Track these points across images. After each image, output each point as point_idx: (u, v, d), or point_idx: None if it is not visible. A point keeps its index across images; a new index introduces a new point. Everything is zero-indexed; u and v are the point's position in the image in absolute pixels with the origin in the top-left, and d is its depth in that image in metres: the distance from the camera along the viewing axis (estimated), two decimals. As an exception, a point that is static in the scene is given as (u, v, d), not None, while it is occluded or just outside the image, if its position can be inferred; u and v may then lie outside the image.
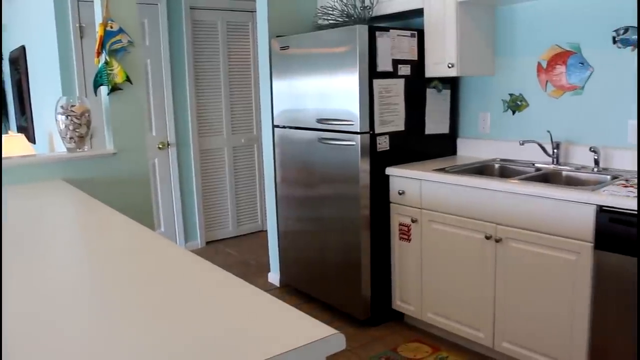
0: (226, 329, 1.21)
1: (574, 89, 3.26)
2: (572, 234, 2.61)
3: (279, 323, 1.24)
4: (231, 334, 1.18)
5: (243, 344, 1.13)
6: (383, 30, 3.35)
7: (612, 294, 2.51)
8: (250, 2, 5.51)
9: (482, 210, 2.97)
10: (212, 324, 1.23)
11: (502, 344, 3.00)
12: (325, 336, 1.15)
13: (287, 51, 3.85)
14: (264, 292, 1.42)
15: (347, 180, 3.47)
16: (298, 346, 1.12)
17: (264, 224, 5.94)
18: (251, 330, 1.20)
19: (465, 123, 3.85)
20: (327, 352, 1.17)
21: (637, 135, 2.41)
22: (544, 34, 3.35)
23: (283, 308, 1.31)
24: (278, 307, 1.32)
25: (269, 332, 1.19)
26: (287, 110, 3.93)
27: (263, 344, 1.13)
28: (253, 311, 1.30)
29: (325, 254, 3.76)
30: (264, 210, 5.91)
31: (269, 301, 1.36)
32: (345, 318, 3.78)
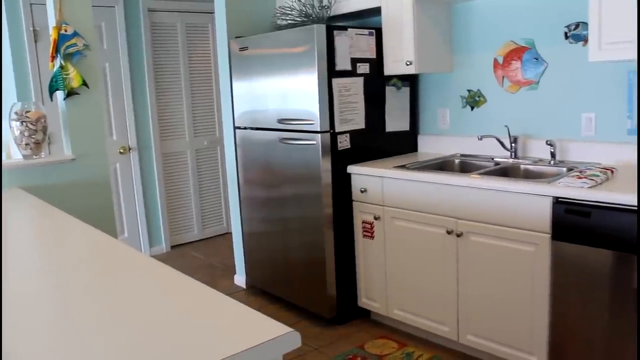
0: (183, 331, 1.20)
1: (529, 84, 3.32)
2: (530, 226, 2.66)
3: (235, 324, 1.24)
4: (188, 337, 1.17)
5: (199, 346, 1.13)
6: (341, 30, 3.36)
7: (570, 283, 2.56)
8: (210, 4, 5.48)
9: (443, 206, 3.00)
10: (168, 327, 1.23)
11: (466, 337, 3.04)
12: (280, 335, 1.16)
13: (246, 52, 3.84)
14: (222, 294, 1.42)
15: (309, 180, 3.47)
16: (253, 345, 1.12)
17: (229, 226, 5.91)
18: (208, 331, 1.20)
19: (426, 120, 3.89)
20: (283, 350, 1.17)
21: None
22: (499, 30, 3.40)
23: (240, 309, 1.31)
24: (235, 308, 1.32)
25: (225, 333, 1.19)
26: (248, 112, 3.91)
27: (219, 344, 1.13)
28: (210, 313, 1.30)
29: (289, 254, 3.76)
30: (229, 212, 5.88)
31: (226, 303, 1.36)
32: (311, 317, 3.78)
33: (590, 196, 2.44)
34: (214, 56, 5.60)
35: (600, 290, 2.46)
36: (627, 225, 2.34)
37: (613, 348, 2.46)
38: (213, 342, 1.15)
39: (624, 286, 2.39)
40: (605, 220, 2.40)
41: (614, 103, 2.99)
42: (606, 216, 2.40)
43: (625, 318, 2.40)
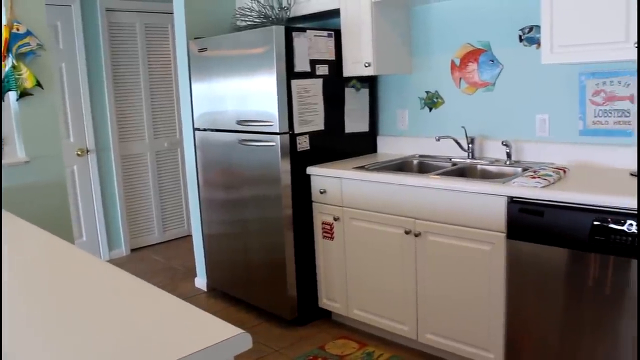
0: (135, 335, 1.19)
1: (485, 86, 3.38)
2: (486, 225, 2.70)
3: (186, 326, 1.23)
4: (140, 340, 1.17)
5: (151, 349, 1.13)
6: (300, 31, 3.36)
7: (525, 281, 2.61)
8: (169, 4, 5.42)
9: (401, 206, 3.03)
10: (120, 331, 1.22)
11: (425, 336, 3.07)
12: (230, 336, 1.15)
13: (205, 53, 3.81)
14: (174, 296, 1.41)
15: (268, 181, 3.47)
16: (203, 347, 1.12)
17: (190, 229, 5.85)
18: (159, 335, 1.19)
19: (385, 121, 3.92)
20: (234, 352, 1.17)
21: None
22: (456, 33, 3.45)
23: (192, 311, 1.31)
24: (187, 311, 1.31)
25: (177, 335, 1.19)
26: (207, 113, 3.89)
27: (169, 347, 1.13)
28: (162, 316, 1.29)
29: (250, 256, 3.75)
30: (190, 214, 5.81)
31: (178, 305, 1.35)
32: (272, 319, 3.77)
33: (543, 195, 2.49)
34: (174, 57, 5.55)
35: (555, 287, 2.51)
36: (579, 223, 2.39)
37: (567, 344, 2.52)
38: (163, 344, 1.14)
39: (577, 283, 2.45)
40: (558, 219, 2.46)
41: (566, 104, 3.06)
42: (558, 215, 2.45)
43: (579, 315, 2.46)
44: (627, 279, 2.30)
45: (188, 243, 5.60)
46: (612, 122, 2.94)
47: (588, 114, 3.00)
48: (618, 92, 2.89)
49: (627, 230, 2.27)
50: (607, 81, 2.92)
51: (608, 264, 2.34)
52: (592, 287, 2.40)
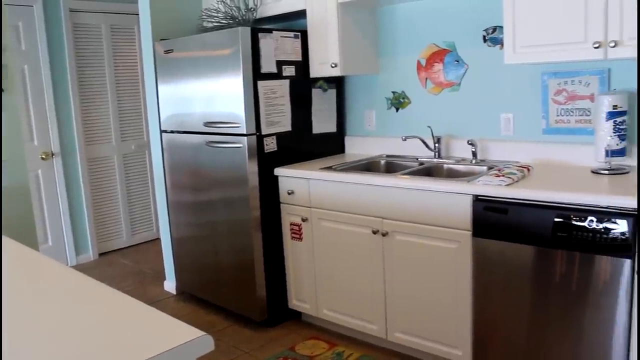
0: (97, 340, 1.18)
1: (451, 86, 3.41)
2: (452, 224, 2.73)
3: (148, 330, 1.22)
4: (99, 344, 1.16)
5: (111, 354, 1.12)
6: (266, 32, 3.36)
7: (491, 278, 2.64)
8: (135, 5, 5.36)
9: (369, 206, 3.04)
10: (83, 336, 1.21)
11: (394, 334, 3.09)
12: (192, 339, 1.15)
13: (171, 55, 3.78)
14: (137, 300, 1.39)
15: (236, 183, 3.45)
16: (164, 350, 1.11)
17: (159, 232, 5.79)
18: (120, 339, 1.18)
19: (352, 121, 3.93)
20: (196, 354, 1.16)
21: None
22: (422, 33, 3.48)
23: (154, 315, 1.30)
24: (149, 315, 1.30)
25: (138, 339, 1.18)
26: (174, 115, 3.86)
27: (130, 351, 1.12)
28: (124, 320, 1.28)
29: (219, 258, 3.73)
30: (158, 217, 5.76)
31: (140, 309, 1.34)
32: (242, 321, 3.76)
33: (507, 193, 2.52)
34: (140, 59, 5.49)
35: (520, 284, 2.55)
36: (542, 220, 2.43)
37: (534, 339, 2.56)
38: (124, 349, 1.13)
39: (541, 280, 2.49)
40: (521, 216, 2.49)
41: (530, 104, 3.11)
42: (522, 212, 2.49)
43: (544, 310, 2.50)
44: (591, 274, 2.35)
45: (157, 246, 5.55)
46: (573, 120, 2.99)
47: (551, 113, 3.06)
48: (579, 91, 2.95)
49: (588, 227, 2.32)
50: (568, 81, 2.98)
51: (571, 260, 2.39)
52: (557, 282, 2.44)
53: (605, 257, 2.30)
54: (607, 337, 2.34)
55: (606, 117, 2.69)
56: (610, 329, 2.33)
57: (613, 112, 2.67)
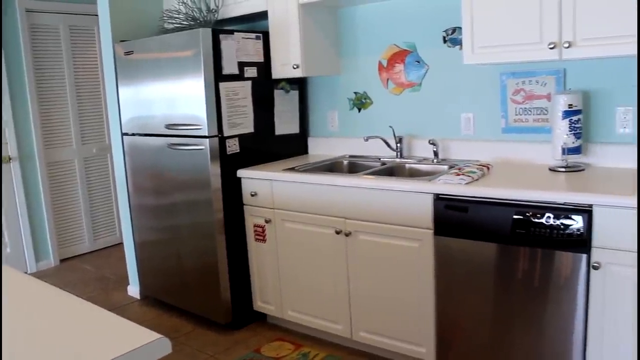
0: (49, 346, 1.16)
1: (412, 86, 3.44)
2: (414, 223, 2.76)
3: (104, 334, 1.21)
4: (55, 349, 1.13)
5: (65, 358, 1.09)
6: (227, 33, 3.34)
7: (453, 276, 2.68)
8: (95, 5, 5.27)
9: (332, 206, 3.05)
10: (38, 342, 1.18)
11: (359, 334, 3.10)
12: (148, 342, 1.14)
13: (132, 56, 3.73)
14: (93, 305, 1.37)
15: (198, 185, 3.43)
16: (120, 354, 1.10)
17: (122, 236, 5.71)
18: (75, 344, 1.17)
19: (315, 122, 3.94)
20: (153, 357, 1.15)
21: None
22: (383, 34, 3.51)
23: (110, 319, 1.29)
24: (105, 319, 1.29)
25: (94, 343, 1.17)
26: (135, 117, 3.81)
27: (85, 356, 1.11)
28: (80, 326, 1.26)
29: (183, 262, 3.69)
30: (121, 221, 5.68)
31: (96, 314, 1.32)
32: (207, 324, 3.73)
33: (467, 192, 2.56)
34: (100, 60, 5.41)
35: (481, 280, 2.59)
36: (502, 218, 2.47)
37: (496, 335, 2.60)
38: (78, 353, 1.12)
39: (502, 276, 2.53)
40: (481, 214, 2.53)
41: (489, 103, 3.16)
42: (482, 210, 2.53)
43: (506, 306, 2.54)
44: (549, 270, 2.39)
45: (120, 251, 5.47)
46: (531, 119, 3.05)
47: (510, 112, 3.11)
48: (536, 91, 3.01)
49: (546, 223, 2.37)
50: (526, 81, 3.03)
51: (530, 256, 2.43)
52: (517, 278, 2.49)
53: (562, 253, 2.35)
54: (568, 331, 2.39)
55: (562, 116, 2.75)
56: (569, 322, 2.38)
57: (569, 111, 2.73)
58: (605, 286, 2.28)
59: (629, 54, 2.37)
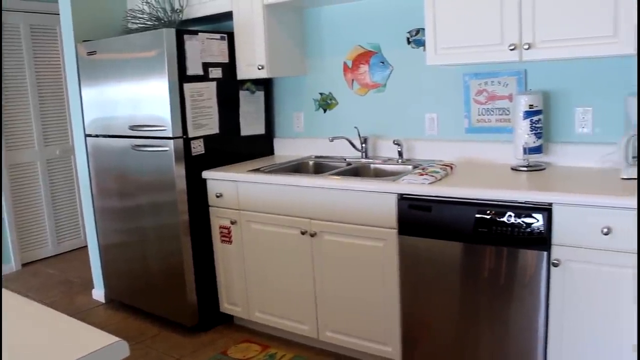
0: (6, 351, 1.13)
1: (377, 87, 3.47)
2: (379, 223, 2.77)
3: (61, 338, 1.20)
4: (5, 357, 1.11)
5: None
6: (191, 34, 3.32)
7: (417, 275, 2.70)
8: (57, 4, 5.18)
9: (297, 207, 3.05)
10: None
11: (325, 334, 3.11)
12: (105, 345, 1.12)
13: (94, 56, 3.68)
14: (50, 309, 1.35)
15: (163, 187, 3.40)
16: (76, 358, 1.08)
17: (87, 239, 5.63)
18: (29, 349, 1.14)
19: (281, 123, 3.94)
20: (112, 359, 1.14)
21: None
22: (348, 35, 3.52)
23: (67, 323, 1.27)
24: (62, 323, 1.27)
25: (49, 348, 1.15)
26: (99, 119, 3.76)
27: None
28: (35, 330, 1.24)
29: (148, 264, 3.65)
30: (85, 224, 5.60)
31: (54, 318, 1.30)
32: (173, 327, 3.70)
33: (430, 191, 2.59)
34: (63, 60, 5.31)
35: (445, 279, 2.62)
36: (464, 217, 2.50)
37: (461, 333, 2.63)
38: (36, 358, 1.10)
39: (466, 274, 2.56)
40: (445, 214, 2.56)
41: (453, 104, 3.20)
42: (445, 209, 2.56)
43: (470, 304, 2.57)
44: (510, 268, 2.43)
45: (84, 254, 5.37)
46: (494, 120, 3.10)
47: (473, 112, 3.15)
48: (498, 91, 3.05)
49: (507, 222, 2.40)
50: (488, 81, 3.08)
51: (492, 255, 2.47)
52: (480, 277, 2.52)
53: (524, 251, 2.39)
54: (532, 329, 2.43)
55: (523, 116, 2.80)
56: (533, 320, 2.42)
57: (529, 112, 2.78)
58: (565, 283, 2.32)
59: (587, 56, 2.43)
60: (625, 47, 2.32)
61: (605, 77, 2.74)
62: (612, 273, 2.22)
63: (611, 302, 2.24)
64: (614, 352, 2.26)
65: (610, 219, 2.19)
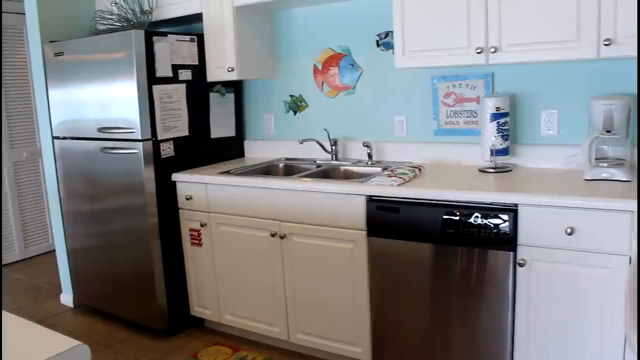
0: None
1: (347, 89, 3.48)
2: (348, 224, 2.79)
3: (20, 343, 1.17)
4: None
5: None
6: (161, 35, 3.30)
7: (386, 276, 2.72)
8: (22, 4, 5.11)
9: (267, 209, 3.05)
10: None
11: (296, 336, 3.11)
12: (64, 350, 1.11)
13: (62, 57, 3.63)
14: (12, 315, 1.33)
15: (132, 190, 3.37)
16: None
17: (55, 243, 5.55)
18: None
19: (252, 125, 3.93)
20: (72, 364, 1.13)
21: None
22: (318, 38, 3.53)
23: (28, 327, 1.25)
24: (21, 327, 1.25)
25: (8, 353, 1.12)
26: (66, 121, 3.71)
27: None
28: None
29: (117, 268, 3.62)
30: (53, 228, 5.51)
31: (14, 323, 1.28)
32: (143, 331, 3.66)
33: (398, 193, 2.61)
34: (30, 61, 5.23)
35: (414, 280, 2.64)
36: (432, 218, 2.53)
37: (432, 335, 2.65)
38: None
39: (435, 275, 2.59)
40: (413, 215, 2.58)
41: (422, 106, 3.23)
42: (413, 211, 2.58)
43: (439, 304, 2.60)
44: (478, 268, 2.46)
45: (52, 258, 5.30)
46: (462, 122, 3.13)
47: (441, 114, 3.18)
48: (466, 94, 3.09)
49: (474, 222, 2.44)
50: (456, 84, 3.11)
51: (460, 255, 2.50)
52: (448, 277, 2.55)
53: (491, 251, 2.42)
54: (500, 330, 2.46)
55: (490, 119, 2.83)
56: (501, 320, 2.46)
57: (496, 114, 2.82)
58: (531, 283, 2.36)
59: (551, 60, 2.47)
60: (587, 52, 2.38)
61: (570, 81, 2.80)
62: (575, 272, 2.26)
63: (574, 301, 2.28)
64: (578, 349, 2.31)
65: (573, 219, 2.23)
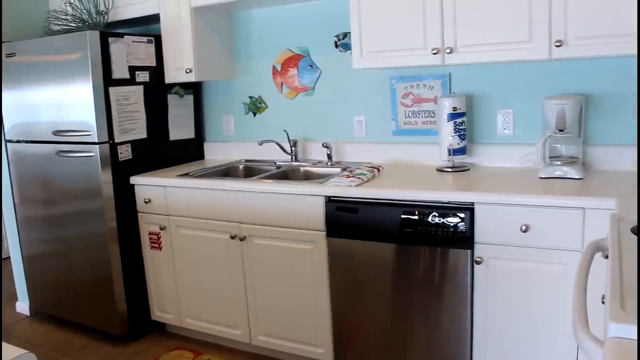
0: None
1: (306, 90, 3.49)
2: (307, 225, 2.79)
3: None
4: None
5: None
6: (117, 37, 3.25)
7: (346, 276, 2.73)
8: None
9: (226, 211, 3.03)
10: None
11: (258, 338, 3.10)
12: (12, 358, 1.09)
13: (14, 59, 3.55)
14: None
15: (89, 194, 3.31)
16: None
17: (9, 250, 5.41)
18: None
19: (211, 127, 3.91)
20: (18, 374, 1.10)
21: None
22: (276, 38, 3.53)
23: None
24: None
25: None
26: (20, 123, 3.62)
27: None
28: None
29: (75, 274, 3.55)
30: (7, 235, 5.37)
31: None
32: (103, 337, 3.60)
33: (356, 193, 2.62)
34: (-17, 64, 5.10)
35: (375, 280, 2.66)
36: (390, 218, 2.55)
37: (393, 334, 2.67)
38: None
39: (394, 275, 2.60)
40: (371, 215, 2.60)
41: (380, 107, 3.26)
42: (371, 211, 2.60)
43: (399, 304, 2.62)
44: (436, 266, 2.49)
45: (7, 266, 5.16)
46: (420, 122, 3.17)
47: (399, 115, 3.21)
48: (424, 94, 3.13)
49: (431, 222, 2.46)
50: (414, 84, 3.15)
51: (419, 254, 2.52)
52: (409, 277, 2.57)
53: (448, 250, 2.46)
54: (461, 328, 2.49)
55: (447, 118, 2.87)
56: (461, 319, 2.49)
57: (453, 114, 2.86)
58: (488, 280, 2.40)
59: (505, 60, 2.52)
60: (539, 53, 2.43)
61: (525, 81, 2.85)
62: (530, 269, 2.31)
63: (529, 298, 2.33)
64: (532, 347, 2.36)
65: (528, 217, 2.28)
